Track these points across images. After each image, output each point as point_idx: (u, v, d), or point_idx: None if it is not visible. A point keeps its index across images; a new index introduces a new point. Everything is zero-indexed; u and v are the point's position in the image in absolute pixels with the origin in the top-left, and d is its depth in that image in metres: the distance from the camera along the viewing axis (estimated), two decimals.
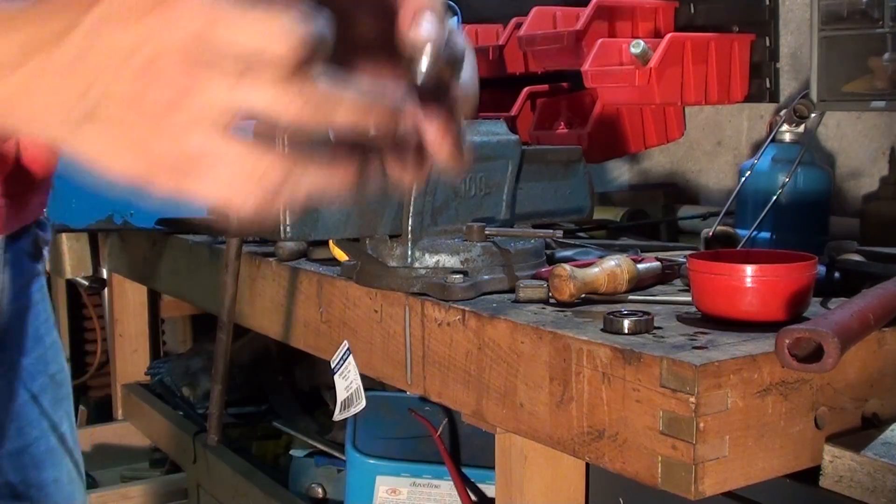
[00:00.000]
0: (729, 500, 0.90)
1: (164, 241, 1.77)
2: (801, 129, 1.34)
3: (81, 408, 2.69)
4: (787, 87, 1.70)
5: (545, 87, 1.99)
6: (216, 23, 0.44)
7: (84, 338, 2.81)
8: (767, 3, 1.70)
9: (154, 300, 2.51)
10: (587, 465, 1.06)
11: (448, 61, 0.53)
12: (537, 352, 0.94)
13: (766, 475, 0.85)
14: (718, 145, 1.86)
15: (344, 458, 1.65)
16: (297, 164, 0.46)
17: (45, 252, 0.95)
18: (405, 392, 1.33)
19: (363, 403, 1.21)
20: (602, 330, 0.91)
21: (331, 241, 1.28)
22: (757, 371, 0.83)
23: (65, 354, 1.00)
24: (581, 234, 1.56)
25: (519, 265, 1.12)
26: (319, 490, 1.79)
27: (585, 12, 1.78)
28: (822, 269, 1.02)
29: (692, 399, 0.79)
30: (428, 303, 1.08)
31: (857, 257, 1.11)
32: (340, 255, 1.26)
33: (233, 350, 1.32)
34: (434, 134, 0.51)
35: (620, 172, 2.06)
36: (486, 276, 1.09)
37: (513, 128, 1.75)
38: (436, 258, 1.11)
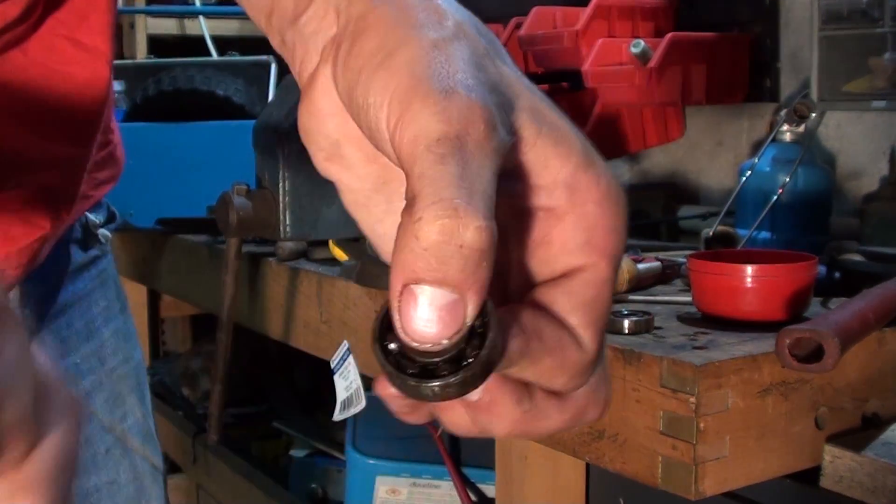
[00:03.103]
0: (729, 500, 0.90)
1: (164, 241, 1.77)
2: (801, 129, 1.34)
3: None
4: (787, 87, 1.70)
5: (545, 87, 1.99)
6: None
7: None
8: (767, 3, 1.70)
9: (154, 300, 2.50)
10: (587, 465, 1.06)
11: None
12: None
13: (766, 475, 0.85)
14: (718, 145, 1.86)
15: (344, 458, 1.65)
16: None
17: (102, 233, 0.87)
18: None
19: (363, 403, 1.20)
20: None
21: (331, 241, 1.28)
22: (757, 371, 0.83)
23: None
24: None
25: None
26: (319, 490, 1.79)
27: (585, 12, 1.77)
28: (822, 269, 1.02)
29: (692, 399, 0.79)
30: None
31: (857, 257, 1.11)
32: (340, 255, 1.26)
33: (233, 350, 1.32)
34: None
35: (620, 172, 2.06)
36: None
37: None
38: None
